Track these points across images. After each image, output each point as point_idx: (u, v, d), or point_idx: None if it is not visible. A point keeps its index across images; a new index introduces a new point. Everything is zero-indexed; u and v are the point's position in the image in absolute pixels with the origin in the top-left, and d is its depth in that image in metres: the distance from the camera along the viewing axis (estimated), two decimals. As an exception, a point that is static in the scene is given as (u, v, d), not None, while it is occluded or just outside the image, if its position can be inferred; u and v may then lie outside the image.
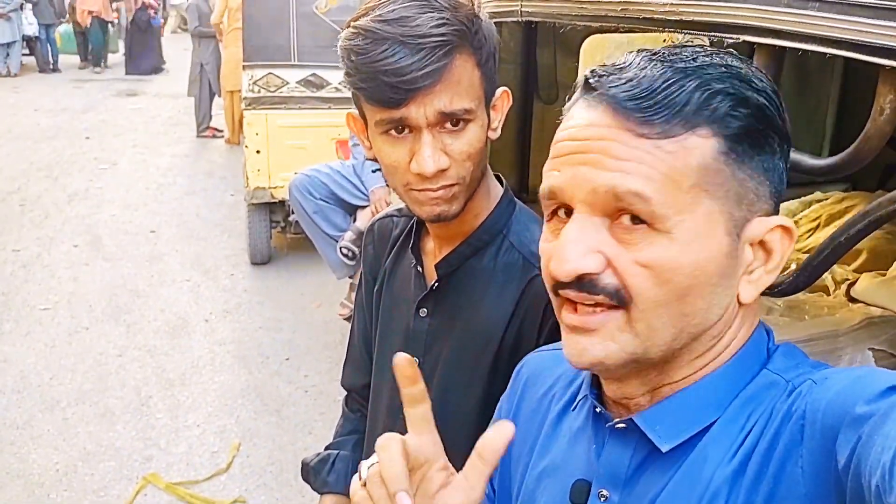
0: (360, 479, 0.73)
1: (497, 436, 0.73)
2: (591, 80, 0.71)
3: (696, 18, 1.07)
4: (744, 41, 0.99)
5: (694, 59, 0.69)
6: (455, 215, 1.15)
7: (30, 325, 4.85)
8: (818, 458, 0.63)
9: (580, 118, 0.71)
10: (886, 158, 2.14)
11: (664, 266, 0.67)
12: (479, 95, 1.10)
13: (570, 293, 0.71)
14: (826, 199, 2.09)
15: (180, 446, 3.69)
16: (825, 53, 0.89)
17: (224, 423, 3.88)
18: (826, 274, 1.53)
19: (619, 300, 0.69)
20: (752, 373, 0.74)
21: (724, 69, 0.69)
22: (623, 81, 0.68)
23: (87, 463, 3.54)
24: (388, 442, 0.72)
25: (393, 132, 1.09)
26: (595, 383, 0.83)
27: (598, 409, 0.81)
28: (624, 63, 0.71)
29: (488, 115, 1.14)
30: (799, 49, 0.91)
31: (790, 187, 0.74)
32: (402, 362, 0.75)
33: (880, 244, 1.59)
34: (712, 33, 1.03)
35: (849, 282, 1.60)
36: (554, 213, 0.74)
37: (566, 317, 0.72)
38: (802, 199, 2.19)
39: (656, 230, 0.67)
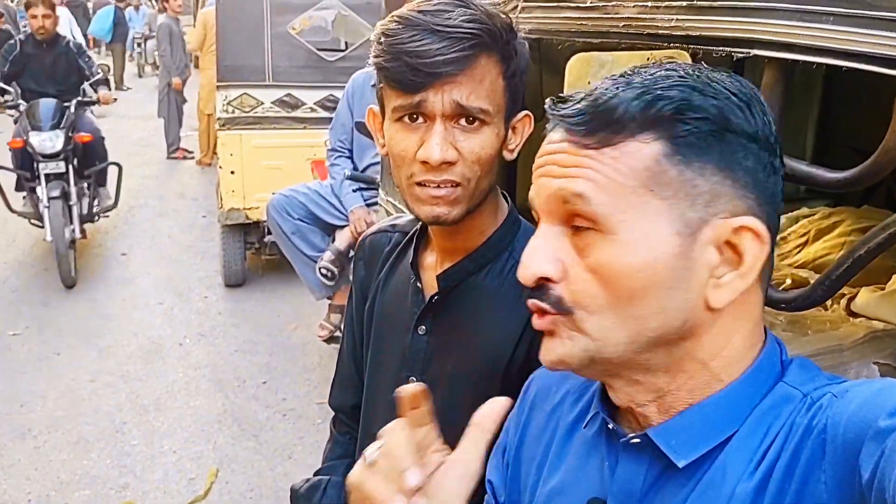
0: (365, 461, 0.75)
1: (495, 406, 0.76)
2: (547, 108, 0.77)
3: (704, 33, 1.06)
4: (753, 55, 0.99)
5: (651, 74, 0.72)
6: (454, 221, 1.13)
7: (-2, 352, 4.73)
8: (841, 473, 0.62)
9: (547, 140, 0.78)
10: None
11: (611, 269, 0.70)
12: (499, 103, 1.10)
13: (530, 300, 0.76)
14: (813, 215, 2.11)
15: (156, 473, 3.60)
16: (815, 67, 0.89)
17: (201, 449, 3.79)
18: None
19: (560, 309, 0.73)
20: (768, 386, 0.73)
21: (678, 79, 0.71)
22: (571, 103, 0.74)
23: (61, 492, 3.43)
24: (392, 426, 0.76)
25: (407, 119, 1.09)
26: (605, 398, 0.82)
27: (610, 426, 0.80)
28: (592, 88, 0.75)
29: (506, 131, 1.14)
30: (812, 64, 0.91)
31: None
32: (418, 392, 0.79)
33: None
34: (721, 48, 1.03)
35: (847, 296, 1.60)
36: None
37: (534, 321, 0.77)
38: (789, 215, 2.20)
39: (602, 232, 0.71)
